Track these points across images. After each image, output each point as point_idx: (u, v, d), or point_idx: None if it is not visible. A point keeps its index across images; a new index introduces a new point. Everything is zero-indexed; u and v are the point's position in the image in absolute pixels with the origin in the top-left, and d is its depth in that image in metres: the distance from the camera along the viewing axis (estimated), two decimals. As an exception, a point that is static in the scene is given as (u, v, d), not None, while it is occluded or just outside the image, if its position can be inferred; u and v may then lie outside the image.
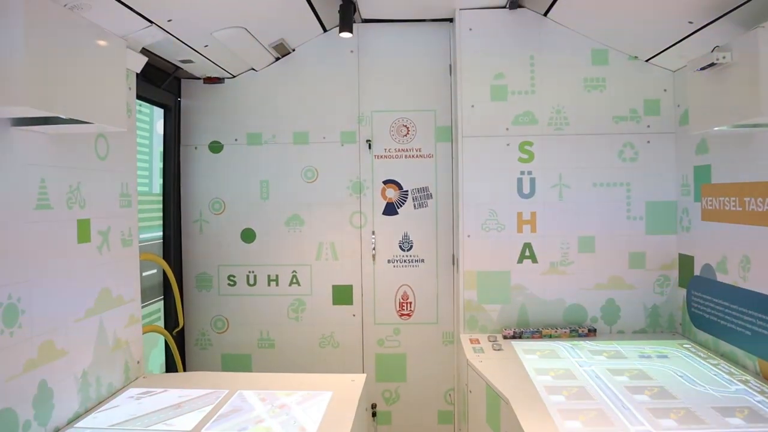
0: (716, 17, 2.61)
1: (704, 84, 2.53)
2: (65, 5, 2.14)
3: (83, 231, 2.38)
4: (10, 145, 1.95)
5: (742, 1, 2.41)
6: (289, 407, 2.39)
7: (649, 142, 3.47)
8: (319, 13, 3.44)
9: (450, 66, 3.75)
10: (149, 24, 2.63)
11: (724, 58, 2.29)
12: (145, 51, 2.90)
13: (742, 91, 2.22)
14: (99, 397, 2.48)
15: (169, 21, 2.70)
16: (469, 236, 3.50)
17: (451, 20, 3.68)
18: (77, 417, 2.31)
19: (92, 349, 2.44)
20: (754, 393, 2.43)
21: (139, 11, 2.49)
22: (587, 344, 3.24)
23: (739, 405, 2.31)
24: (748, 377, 2.63)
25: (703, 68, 2.42)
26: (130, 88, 2.78)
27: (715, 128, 2.58)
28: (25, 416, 2.00)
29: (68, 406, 2.26)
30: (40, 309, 2.08)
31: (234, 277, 3.82)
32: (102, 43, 2.00)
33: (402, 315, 3.83)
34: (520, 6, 3.46)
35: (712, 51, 2.36)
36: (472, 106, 3.49)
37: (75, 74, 1.82)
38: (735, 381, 2.59)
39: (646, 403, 2.36)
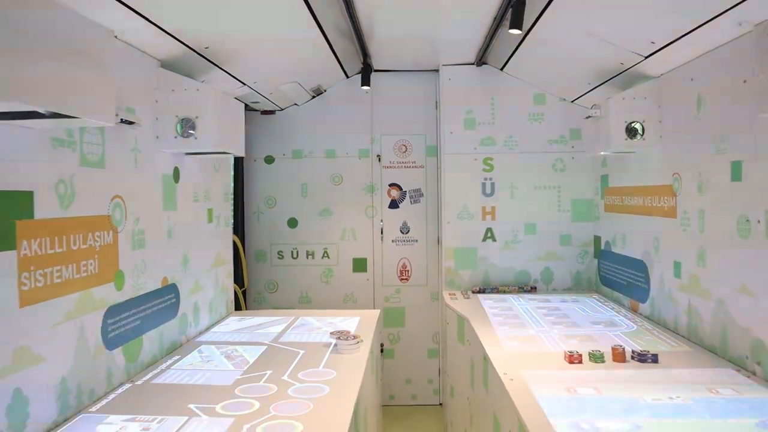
0: (601, 82, 4.14)
1: (590, 126, 4.08)
2: (202, 81, 3.64)
3: (210, 215, 3.91)
4: (184, 166, 3.47)
5: (613, 75, 3.93)
6: (334, 323, 3.92)
7: (573, 158, 5.00)
8: (344, 66, 4.95)
9: (436, 103, 5.28)
10: (243, 85, 4.14)
11: (597, 113, 3.83)
12: (234, 99, 4.41)
13: (602, 137, 3.76)
14: (217, 318, 4.00)
15: (254, 82, 4.22)
16: (448, 223, 5.03)
17: (437, 71, 5.20)
18: (208, 328, 3.82)
19: (213, 290, 3.96)
20: (618, 315, 3.97)
21: (239, 78, 4.00)
22: (528, 296, 4.77)
23: (605, 320, 3.84)
24: (622, 309, 4.17)
25: (587, 117, 3.96)
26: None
27: (600, 153, 4.12)
28: (190, 319, 3.52)
29: (204, 320, 3.78)
30: (194, 261, 3.60)
31: (282, 252, 5.34)
32: (235, 106, 3.53)
33: (402, 279, 5.37)
34: (485, 63, 4.98)
35: (591, 107, 3.89)
36: (451, 132, 5.02)
37: (230, 126, 3.35)
38: (611, 310, 4.13)
39: (551, 320, 3.88)
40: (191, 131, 3.10)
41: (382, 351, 5.30)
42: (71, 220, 2.32)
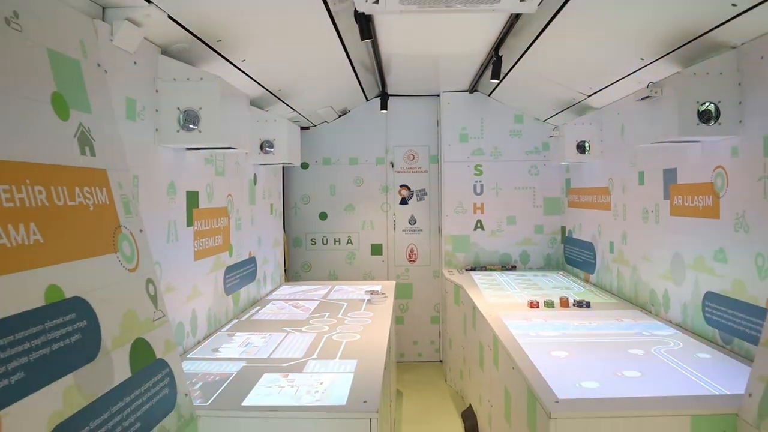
0: (563, 109, 5.52)
1: (552, 143, 5.46)
2: (267, 110, 4.99)
3: (271, 209, 5.27)
4: (259, 173, 4.83)
5: (570, 105, 5.30)
6: (363, 288, 5.28)
7: (545, 165, 6.37)
8: (365, 93, 6.31)
9: (437, 121, 6.65)
10: (293, 111, 5.50)
11: (556, 134, 5.20)
12: (283, 120, 5.77)
13: (561, 151, 5.14)
14: (275, 286, 5.37)
15: (301, 108, 5.58)
16: (447, 216, 6.40)
17: (438, 96, 6.56)
18: (270, 292, 5.18)
19: (273, 264, 5.32)
20: (573, 283, 5.35)
21: (291, 106, 5.36)
22: (509, 272, 6.14)
23: (563, 286, 5.22)
24: (578, 280, 5.55)
25: (550, 136, 5.34)
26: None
27: (561, 163, 5.50)
28: (262, 283, 4.88)
29: (268, 285, 5.14)
30: (263, 242, 4.96)
31: (315, 239, 6.69)
32: (295, 129, 4.90)
33: (410, 261, 6.73)
34: (476, 90, 6.35)
35: (553, 129, 5.27)
36: (449, 144, 6.38)
37: (294, 145, 4.72)
38: (570, 281, 5.52)
39: (524, 286, 5.25)
40: (269, 149, 4.46)
41: (394, 318, 6.66)
42: (212, 209, 3.68)
